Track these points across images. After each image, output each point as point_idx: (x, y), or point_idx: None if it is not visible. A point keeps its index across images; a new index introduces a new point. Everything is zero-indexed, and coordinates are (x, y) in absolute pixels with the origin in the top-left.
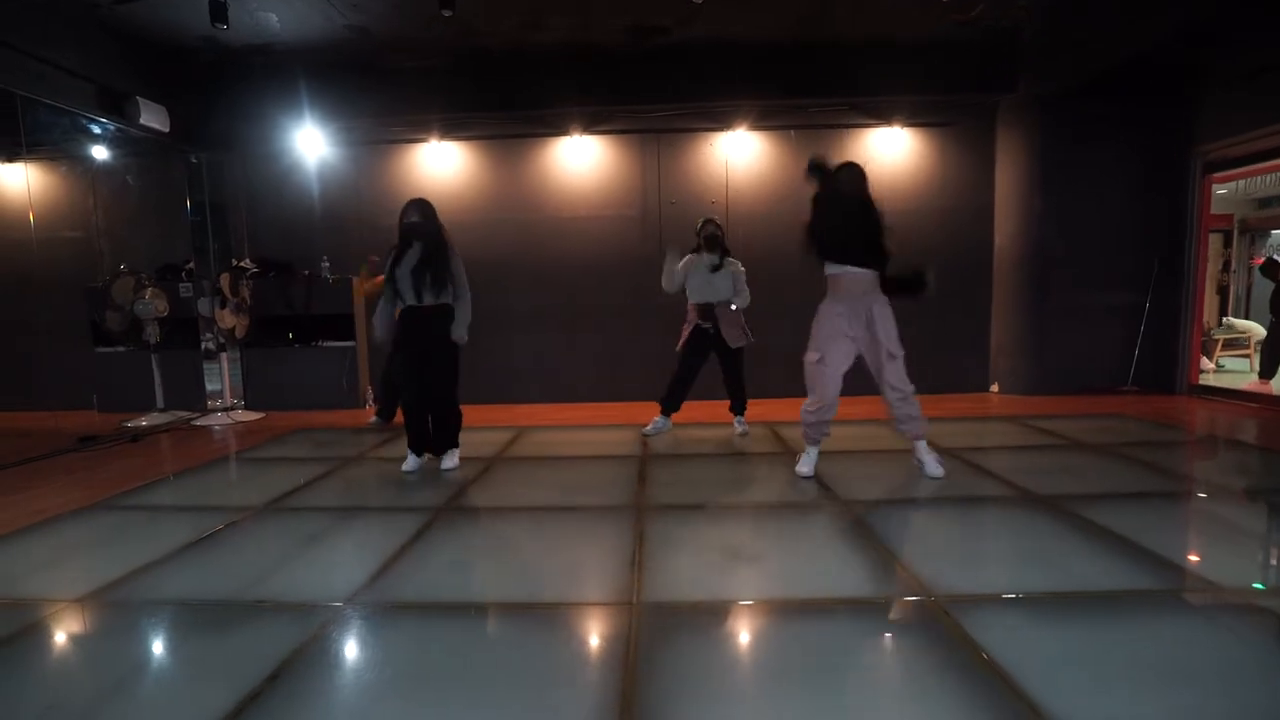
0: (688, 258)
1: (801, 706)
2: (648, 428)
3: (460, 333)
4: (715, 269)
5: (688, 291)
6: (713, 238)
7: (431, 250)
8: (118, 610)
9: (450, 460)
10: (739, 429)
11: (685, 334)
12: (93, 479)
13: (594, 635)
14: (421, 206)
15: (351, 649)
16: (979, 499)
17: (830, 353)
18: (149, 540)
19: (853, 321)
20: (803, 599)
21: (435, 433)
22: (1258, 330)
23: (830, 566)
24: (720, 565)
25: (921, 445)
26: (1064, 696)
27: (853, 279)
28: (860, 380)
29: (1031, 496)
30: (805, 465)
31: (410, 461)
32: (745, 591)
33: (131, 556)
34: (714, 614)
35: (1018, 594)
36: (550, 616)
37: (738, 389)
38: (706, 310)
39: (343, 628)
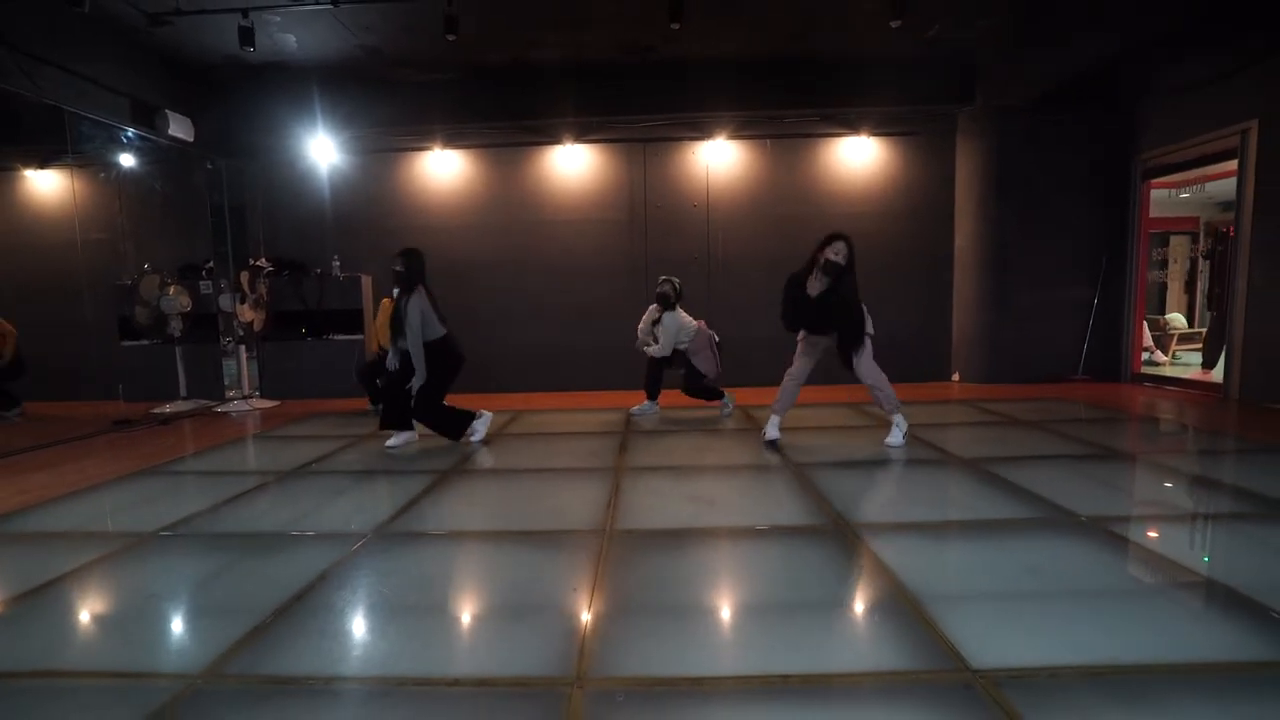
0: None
1: (730, 593)
2: (634, 409)
3: (413, 382)
4: (655, 322)
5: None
6: (663, 295)
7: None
8: (187, 539)
9: (476, 435)
10: (726, 409)
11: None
12: (135, 452)
13: (573, 551)
14: (404, 257)
15: (379, 561)
16: (910, 461)
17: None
18: (198, 494)
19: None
20: (743, 527)
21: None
22: (1179, 321)
23: (771, 506)
24: (680, 505)
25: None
26: (935, 583)
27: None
28: (830, 368)
29: (955, 459)
30: (772, 430)
31: (396, 438)
32: (697, 522)
33: (187, 505)
34: (670, 537)
35: (915, 521)
36: (539, 540)
37: (700, 392)
38: (678, 355)
39: (371, 548)
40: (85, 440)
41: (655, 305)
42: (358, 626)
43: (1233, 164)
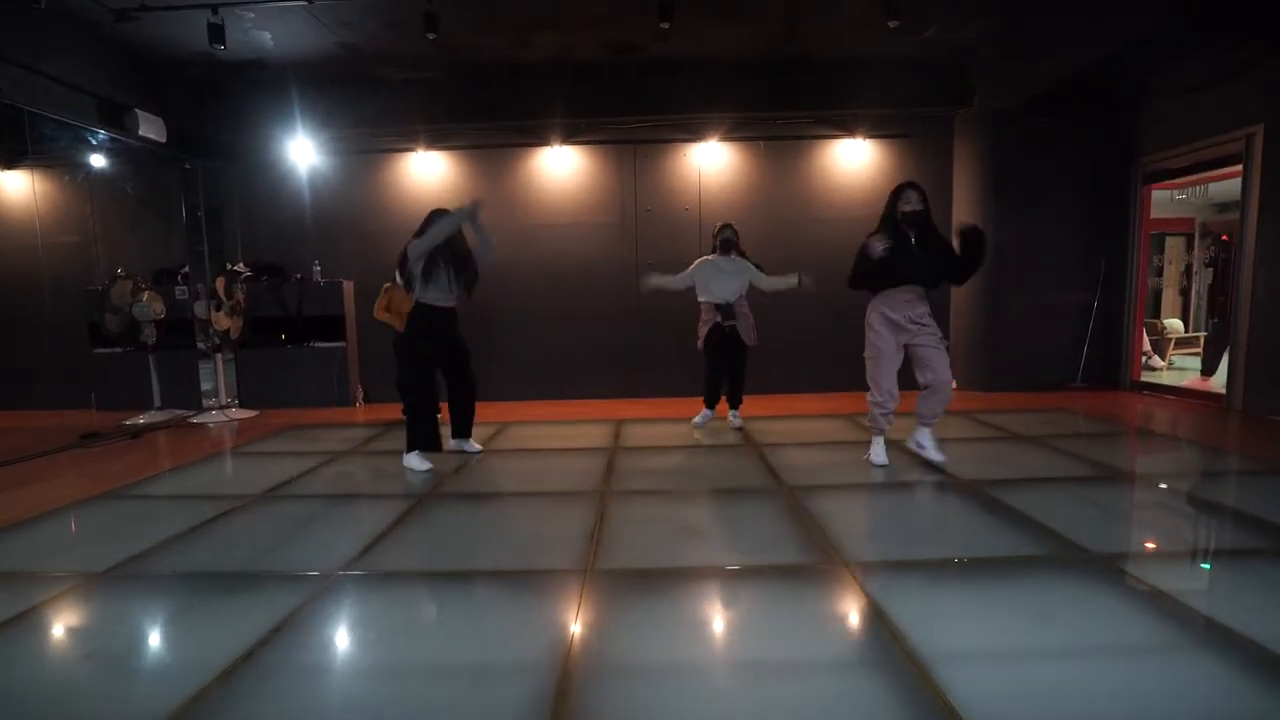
0: (700, 260)
1: (717, 650)
2: (695, 419)
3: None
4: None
5: (703, 293)
6: (727, 241)
7: (462, 257)
8: (136, 581)
9: (474, 445)
10: (734, 422)
11: (703, 333)
12: (100, 471)
13: (550, 596)
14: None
15: (342, 608)
16: (908, 484)
17: (882, 348)
18: (158, 524)
19: (899, 323)
20: (732, 566)
21: (465, 416)
22: (1178, 326)
23: (762, 539)
24: (667, 539)
25: (927, 431)
26: (939, 636)
27: (907, 291)
28: (826, 376)
29: (954, 480)
30: (878, 454)
31: (425, 461)
32: (684, 560)
33: (144, 537)
34: (654, 578)
35: (915, 559)
36: (514, 581)
37: (738, 383)
38: (727, 310)
39: (335, 591)
40: (49, 456)
41: (712, 256)
42: (309, 694)
43: (1235, 168)
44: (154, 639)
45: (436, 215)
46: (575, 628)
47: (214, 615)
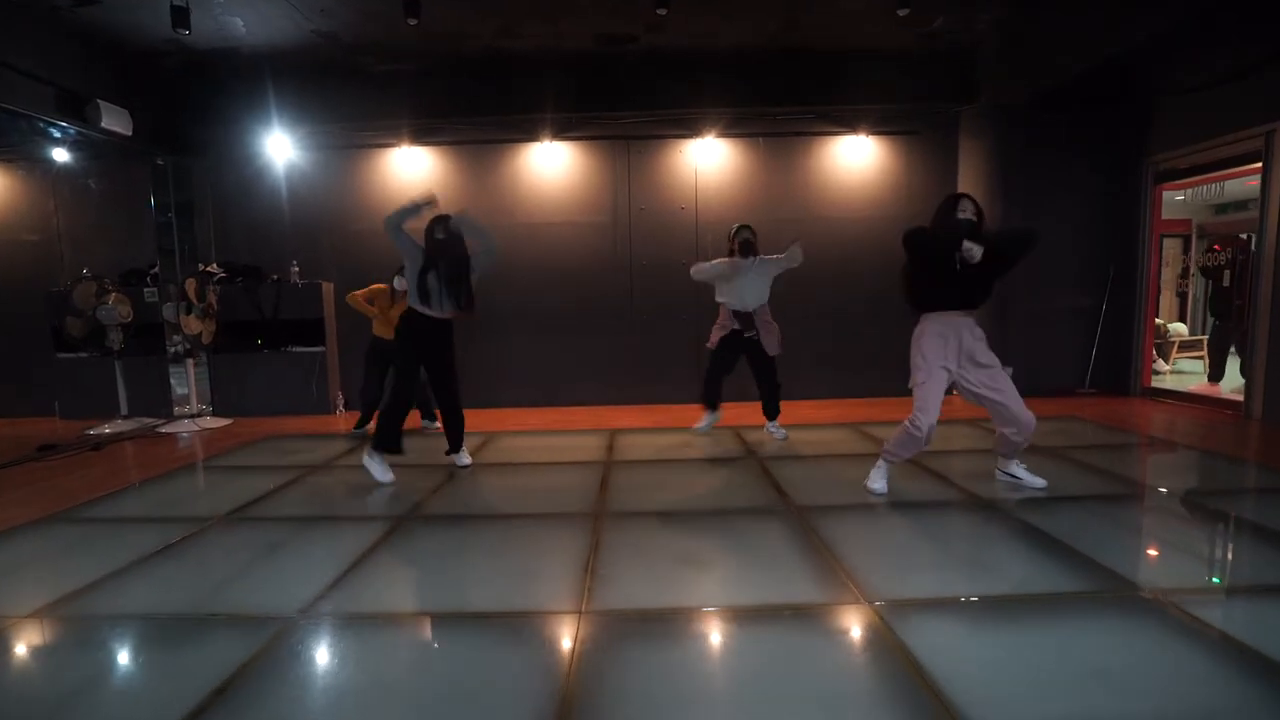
0: (722, 261)
1: (736, 712)
2: (699, 426)
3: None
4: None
5: (725, 297)
6: (746, 243)
7: (459, 270)
8: (71, 625)
9: (465, 458)
10: (778, 435)
11: (716, 336)
12: (55, 488)
13: (539, 644)
14: (447, 224)
15: (300, 661)
16: (924, 504)
17: (933, 373)
18: (105, 553)
19: (947, 345)
20: (742, 605)
21: (452, 431)
22: (1182, 330)
23: (773, 571)
24: (668, 571)
25: (1013, 463)
26: (987, 699)
27: (955, 314)
28: (829, 382)
29: (973, 499)
30: (879, 482)
31: (388, 472)
32: (688, 598)
33: (86, 570)
34: (656, 621)
35: (947, 597)
36: (498, 626)
37: (772, 394)
38: (747, 319)
39: (293, 640)
40: (1, 470)
41: (732, 259)
42: None
43: (1253, 166)
44: (68, 706)
45: (435, 225)
46: (568, 688)
47: (145, 674)
